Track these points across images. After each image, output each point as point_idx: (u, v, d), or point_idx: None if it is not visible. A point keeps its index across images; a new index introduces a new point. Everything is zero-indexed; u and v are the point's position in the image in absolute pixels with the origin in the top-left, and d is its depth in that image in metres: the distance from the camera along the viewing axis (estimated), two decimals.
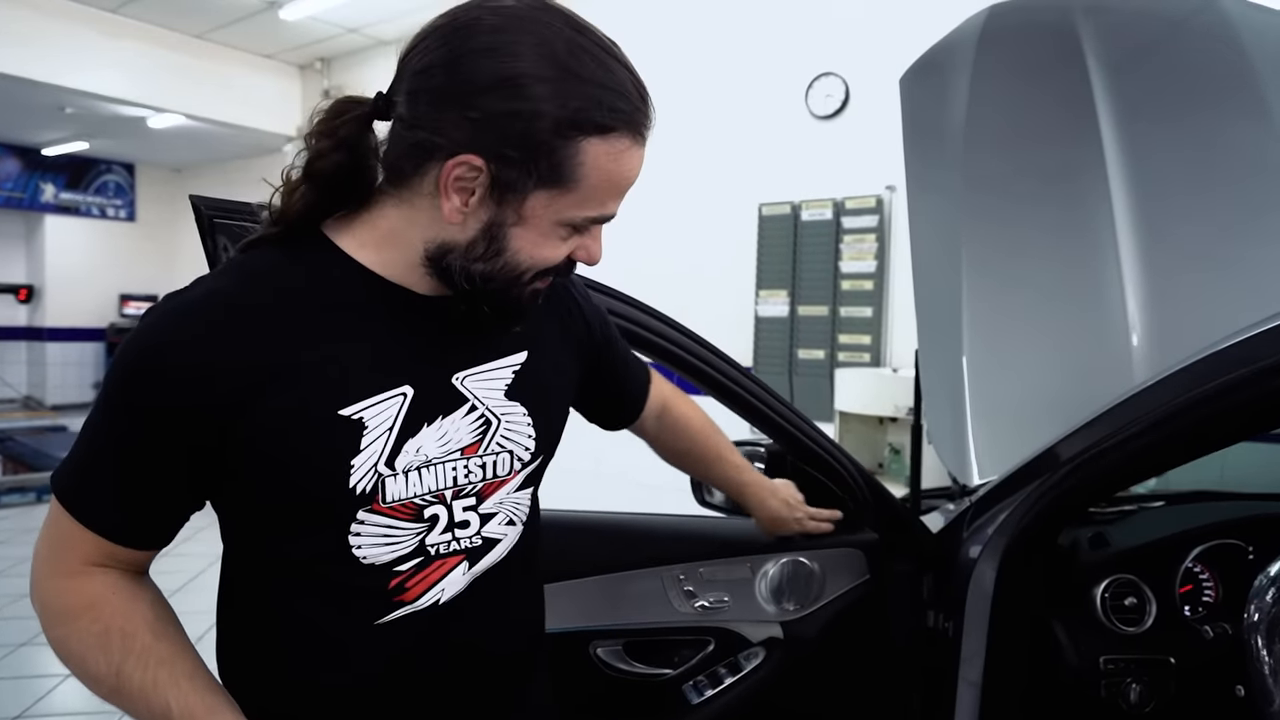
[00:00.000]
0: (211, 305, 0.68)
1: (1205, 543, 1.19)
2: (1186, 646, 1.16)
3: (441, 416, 0.73)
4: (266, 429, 0.66)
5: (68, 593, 0.68)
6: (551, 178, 0.67)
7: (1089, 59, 1.76)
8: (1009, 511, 1.26)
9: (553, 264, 0.72)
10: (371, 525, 0.71)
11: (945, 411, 1.60)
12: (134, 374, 0.66)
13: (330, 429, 0.68)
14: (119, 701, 0.68)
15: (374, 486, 0.70)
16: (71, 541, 0.68)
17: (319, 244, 0.73)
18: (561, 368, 0.85)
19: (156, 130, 7.63)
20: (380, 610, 0.72)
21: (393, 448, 0.70)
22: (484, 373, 0.77)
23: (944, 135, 1.83)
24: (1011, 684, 1.24)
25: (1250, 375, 0.96)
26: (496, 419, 0.77)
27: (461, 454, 0.75)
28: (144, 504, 0.68)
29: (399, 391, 0.71)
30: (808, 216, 4.19)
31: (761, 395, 1.16)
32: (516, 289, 0.72)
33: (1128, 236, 1.60)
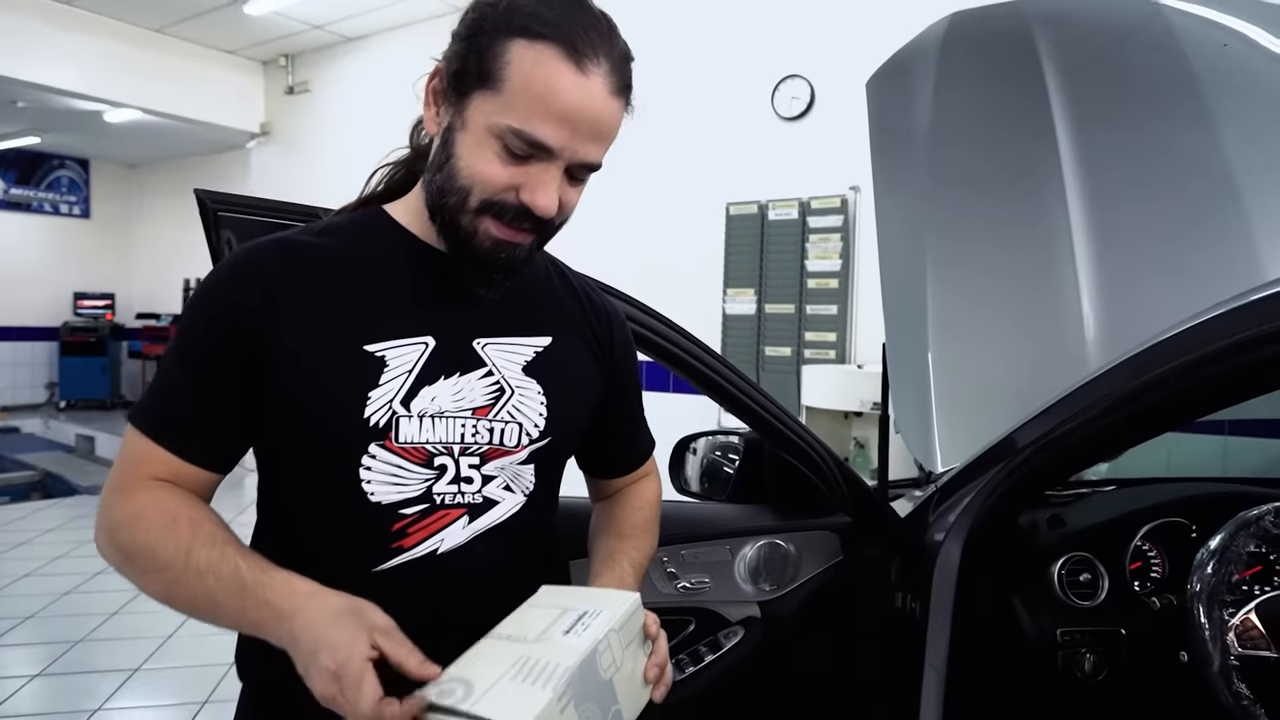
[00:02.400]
0: (274, 241, 0.79)
1: (1152, 521, 1.27)
2: (1136, 618, 1.24)
3: (459, 374, 0.78)
4: (298, 350, 0.73)
5: (136, 497, 0.73)
6: (484, 77, 0.72)
7: (1045, 66, 1.84)
8: (972, 496, 1.33)
9: (492, 185, 0.73)
10: (382, 463, 0.75)
11: (911, 402, 1.67)
12: (203, 293, 0.77)
13: (353, 360, 0.74)
14: (181, 589, 0.70)
15: (388, 422, 0.74)
16: (139, 460, 0.75)
17: (375, 214, 0.84)
18: (585, 366, 0.88)
19: (113, 125, 7.47)
20: (380, 556, 0.75)
21: (409, 390, 0.75)
22: (505, 344, 0.82)
23: (909, 137, 1.90)
24: (975, 658, 1.31)
25: (1185, 365, 1.03)
26: (511, 389, 0.81)
27: (473, 414, 0.78)
28: (201, 418, 0.75)
29: (420, 340, 0.77)
30: (774, 216, 4.27)
31: (745, 389, 1.22)
32: (466, 219, 0.74)
33: (1082, 236, 1.68)
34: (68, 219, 9.71)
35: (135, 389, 9.79)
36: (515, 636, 0.69)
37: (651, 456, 1.03)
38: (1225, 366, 0.99)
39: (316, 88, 6.56)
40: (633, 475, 1.00)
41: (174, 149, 8.72)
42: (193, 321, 0.77)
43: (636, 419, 1.00)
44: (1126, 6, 2.02)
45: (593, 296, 0.93)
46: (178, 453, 0.75)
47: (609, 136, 0.75)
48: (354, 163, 2.91)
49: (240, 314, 0.74)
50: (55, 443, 8.19)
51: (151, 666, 2.95)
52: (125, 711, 2.65)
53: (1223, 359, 0.99)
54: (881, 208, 1.89)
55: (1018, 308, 1.70)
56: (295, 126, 6.73)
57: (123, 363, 9.80)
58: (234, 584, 0.68)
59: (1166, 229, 1.68)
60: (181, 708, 2.65)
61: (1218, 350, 1.00)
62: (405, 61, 5.99)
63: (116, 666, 2.93)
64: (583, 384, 0.88)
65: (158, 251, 9.85)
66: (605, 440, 0.96)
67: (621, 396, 0.95)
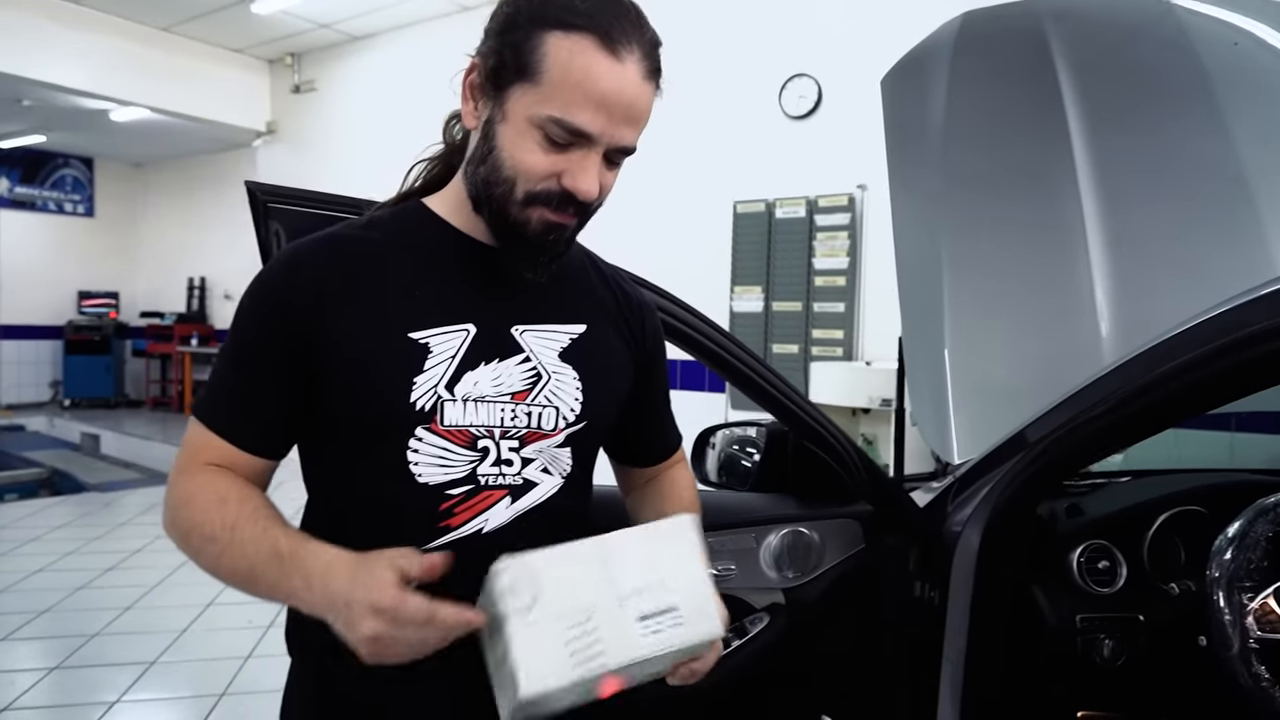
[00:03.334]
0: (321, 239, 0.82)
1: (1169, 510, 1.30)
2: (1153, 604, 1.26)
3: (498, 359, 0.81)
4: (345, 340, 0.77)
5: (192, 481, 0.77)
6: (522, 70, 0.74)
7: (1058, 64, 1.86)
8: (991, 485, 1.36)
9: (535, 175, 0.75)
10: (429, 445, 0.78)
11: (928, 396, 1.69)
12: (254, 291, 0.80)
13: (398, 347, 0.77)
14: (226, 561, 0.74)
15: (433, 406, 0.77)
16: (198, 448, 0.79)
17: (415, 208, 0.87)
18: (618, 353, 0.90)
19: (119, 124, 7.50)
20: (428, 535, 0.78)
21: (453, 375, 0.79)
22: (542, 331, 0.85)
23: (923, 135, 1.92)
24: (992, 644, 1.33)
25: (1200, 357, 1.06)
26: (548, 374, 0.83)
27: (512, 398, 0.81)
28: (253, 410, 0.79)
29: (462, 328, 0.80)
30: (782, 214, 4.29)
31: (770, 379, 1.24)
32: (514, 209, 0.77)
33: (1096, 234, 1.71)
34: (72, 218, 9.73)
35: (139, 388, 9.82)
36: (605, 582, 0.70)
37: (681, 448, 1.05)
38: (1239, 358, 1.02)
39: (323, 87, 6.58)
40: (664, 464, 1.03)
41: (179, 148, 8.74)
42: (245, 318, 0.80)
43: (666, 409, 1.02)
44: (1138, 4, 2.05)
45: (625, 287, 0.96)
46: (232, 441, 0.79)
47: (643, 120, 0.78)
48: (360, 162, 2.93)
49: (289, 310, 0.78)
50: (61, 440, 8.22)
51: (168, 660, 2.97)
52: (143, 704, 2.68)
53: (1236, 350, 1.02)
54: (897, 204, 1.91)
55: (1032, 304, 1.72)
56: (301, 125, 6.76)
57: (126, 361, 9.83)
58: (272, 556, 0.72)
59: (1179, 227, 1.71)
60: (199, 700, 2.67)
61: (1231, 342, 1.02)
62: (412, 61, 6.02)
63: (132, 660, 2.95)
64: (616, 370, 0.90)
65: (162, 250, 9.87)
66: (637, 429, 0.98)
67: (652, 386, 0.97)
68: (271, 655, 3.00)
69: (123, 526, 4.78)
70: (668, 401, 1.02)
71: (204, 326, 9.22)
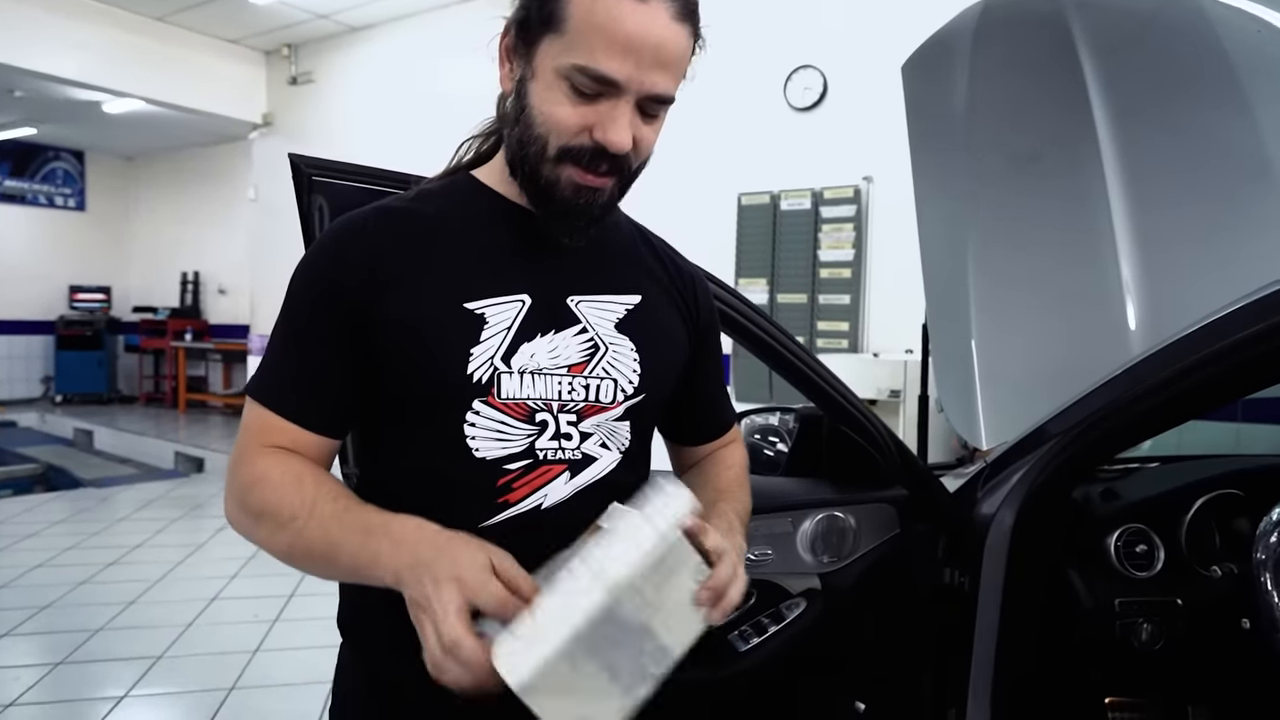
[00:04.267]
0: (373, 210, 0.80)
1: (1208, 493, 1.29)
2: (1192, 587, 1.26)
3: (554, 331, 0.79)
4: (396, 315, 0.75)
5: (260, 462, 0.75)
6: (547, 22, 0.73)
7: (1080, 50, 1.85)
8: (1025, 470, 1.35)
9: (567, 129, 0.73)
10: (486, 419, 0.76)
11: (955, 382, 1.69)
12: (309, 263, 0.79)
13: (454, 318, 0.76)
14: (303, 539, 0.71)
15: (490, 378, 0.76)
16: (259, 430, 0.77)
17: (465, 179, 0.85)
18: (673, 324, 0.89)
19: (112, 116, 7.43)
20: (486, 511, 0.76)
21: (509, 347, 0.77)
22: (598, 301, 0.83)
23: (947, 122, 1.91)
24: (1026, 627, 1.33)
25: (1233, 344, 1.05)
26: (605, 346, 0.82)
27: (569, 371, 0.79)
28: (313, 387, 0.77)
29: (518, 298, 0.78)
30: (787, 206, 4.28)
31: (810, 363, 1.23)
32: (547, 168, 0.75)
33: (1122, 219, 1.70)
34: (63, 211, 9.64)
35: (132, 383, 9.74)
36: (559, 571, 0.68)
37: (735, 426, 1.03)
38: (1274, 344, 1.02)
39: (320, 78, 6.53)
40: (719, 442, 1.01)
41: (172, 140, 8.67)
42: (299, 295, 0.79)
43: (720, 385, 1.00)
44: None
45: (677, 260, 0.94)
46: (299, 422, 0.76)
47: (676, 65, 0.75)
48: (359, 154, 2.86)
49: (343, 282, 0.76)
50: (53, 436, 8.15)
51: (175, 654, 2.94)
52: (151, 699, 2.65)
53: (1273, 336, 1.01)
54: (921, 192, 1.90)
55: (1058, 288, 1.72)
56: (299, 118, 6.70)
57: (119, 357, 9.74)
58: (358, 529, 0.70)
59: (1205, 213, 1.70)
60: (207, 695, 2.64)
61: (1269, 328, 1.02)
62: (411, 52, 5.97)
63: (138, 654, 2.92)
64: (672, 342, 0.88)
65: (155, 245, 9.78)
66: (690, 404, 0.95)
67: (706, 360, 0.95)
68: (280, 649, 2.97)
69: (121, 522, 4.74)
70: (721, 378, 1.00)
71: (198, 321, 9.15)
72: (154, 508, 5.08)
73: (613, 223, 0.89)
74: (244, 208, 7.60)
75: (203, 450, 6.66)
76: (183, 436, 7.39)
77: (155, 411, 8.99)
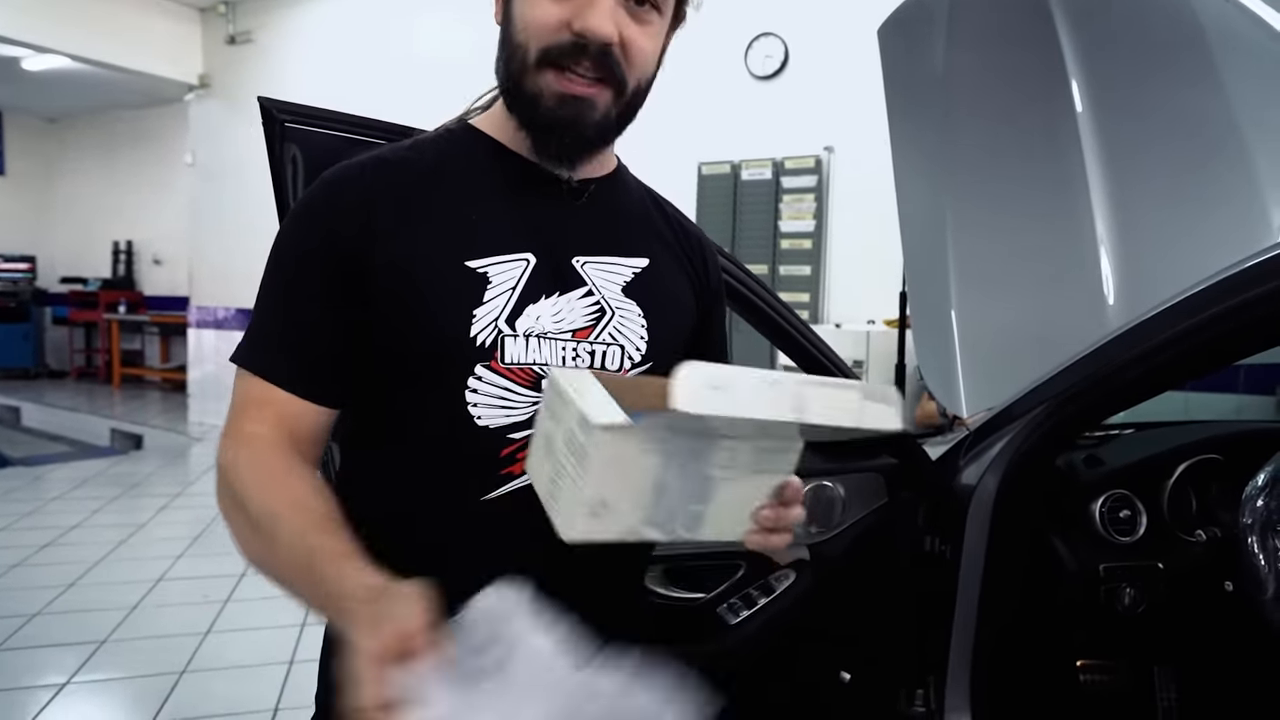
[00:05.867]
0: (370, 159, 0.75)
1: (1190, 459, 1.31)
2: (1173, 551, 1.27)
3: (559, 293, 0.75)
4: (397, 267, 0.70)
5: (237, 446, 0.69)
6: None
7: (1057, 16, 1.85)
8: (1009, 437, 1.35)
9: (545, 27, 0.69)
10: (488, 384, 0.71)
11: (935, 350, 1.68)
12: (299, 215, 0.73)
13: (455, 276, 0.71)
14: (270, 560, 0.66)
15: (494, 342, 0.71)
16: (249, 401, 0.71)
17: (462, 128, 0.80)
18: (681, 290, 0.85)
19: (32, 73, 7.00)
20: (487, 484, 0.72)
21: (513, 309, 0.72)
22: (604, 263, 0.78)
23: (924, 87, 1.89)
24: (1008, 595, 1.33)
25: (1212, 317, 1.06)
26: (611, 310, 0.77)
27: (573, 336, 0.75)
28: (309, 350, 0.71)
29: (521, 257, 0.73)
30: (747, 176, 4.25)
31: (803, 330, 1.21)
32: (529, 80, 0.71)
33: (1098, 186, 1.70)
34: None
35: (61, 357, 9.31)
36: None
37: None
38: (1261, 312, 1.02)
39: (261, 39, 6.23)
40: None
41: (100, 100, 8.22)
42: (288, 251, 0.73)
43: (724, 354, 0.96)
44: None
45: (685, 225, 0.90)
46: (287, 386, 0.70)
47: None
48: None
49: (338, 232, 0.70)
50: None
51: (120, 638, 2.82)
52: (97, 685, 2.53)
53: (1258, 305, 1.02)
54: (898, 157, 1.88)
55: (1037, 256, 1.72)
56: (238, 80, 6.39)
57: (47, 330, 9.30)
58: (305, 570, 0.62)
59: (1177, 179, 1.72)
60: (157, 679, 2.53)
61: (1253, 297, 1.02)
62: (363, 12, 5.74)
63: (80, 639, 2.78)
64: (679, 308, 0.84)
65: (82, 212, 9.31)
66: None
67: (712, 327, 0.91)
68: (232, 630, 2.87)
69: (55, 501, 4.52)
70: (725, 348, 0.96)
71: (132, 293, 8.77)
72: (90, 486, 4.86)
73: (621, 183, 0.84)
74: (180, 173, 7.26)
75: (140, 426, 6.40)
76: (119, 413, 7.09)
77: (88, 387, 8.61)
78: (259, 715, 2.36)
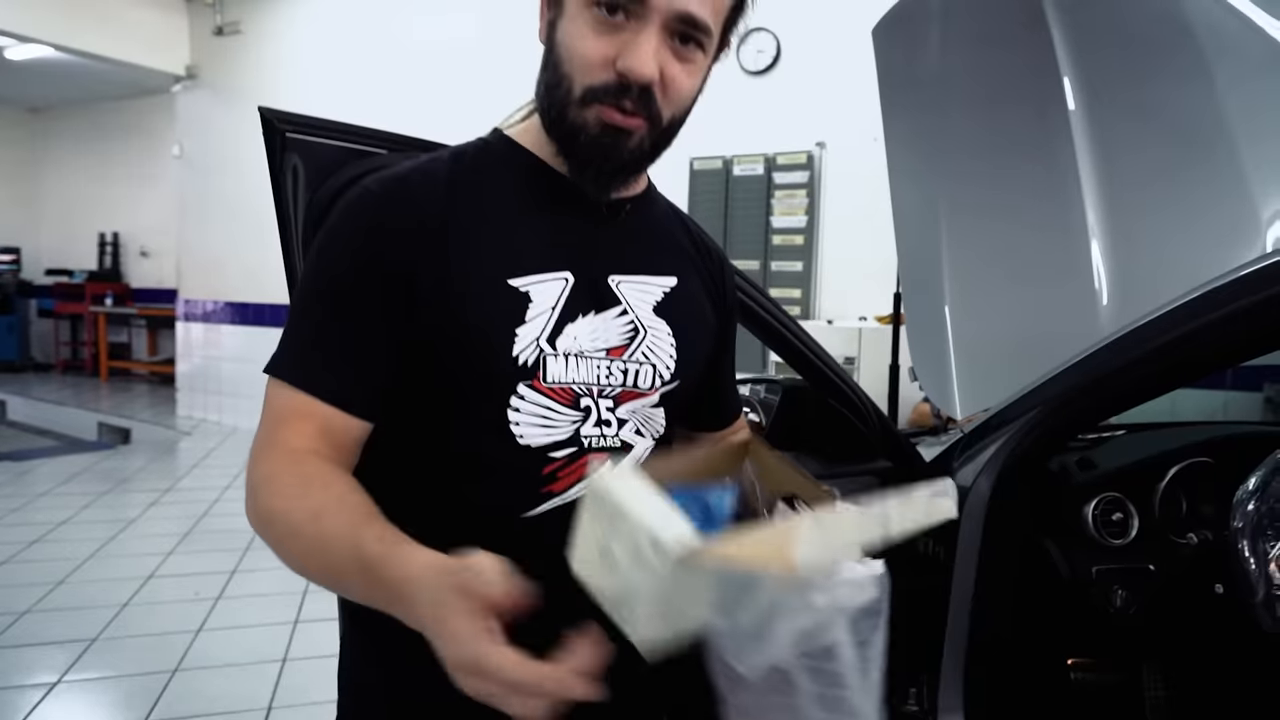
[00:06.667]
0: (409, 172, 0.74)
1: (1181, 461, 1.32)
2: (1164, 554, 1.29)
3: (595, 311, 0.76)
4: (438, 289, 0.70)
5: (271, 457, 0.67)
6: None
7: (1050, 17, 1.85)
8: (1003, 440, 1.36)
9: (590, 63, 0.69)
10: (530, 403, 0.72)
11: (930, 352, 1.69)
12: (344, 230, 0.72)
13: (498, 295, 0.71)
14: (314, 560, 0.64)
15: (536, 361, 0.71)
16: (285, 414, 0.69)
17: (499, 140, 0.80)
18: (704, 309, 0.85)
19: (14, 63, 6.91)
20: (529, 501, 0.72)
21: (554, 327, 0.73)
22: (637, 282, 0.79)
23: (918, 86, 1.89)
24: (1001, 597, 1.35)
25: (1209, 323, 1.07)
26: (644, 329, 0.78)
27: (608, 354, 0.76)
28: (354, 361, 0.70)
29: (560, 276, 0.74)
30: (739, 171, 4.25)
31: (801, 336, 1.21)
32: (573, 111, 0.71)
33: (1090, 185, 1.72)
34: None
35: (47, 349, 9.22)
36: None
37: (743, 412, 1.01)
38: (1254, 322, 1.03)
39: (249, 30, 6.17)
40: (732, 428, 0.97)
41: (85, 91, 8.13)
42: (336, 261, 0.71)
43: (734, 370, 0.97)
44: None
45: (708, 243, 0.91)
46: (333, 400, 0.69)
47: None
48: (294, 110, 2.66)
49: (389, 253, 0.70)
50: None
51: (111, 636, 2.81)
52: (88, 684, 2.52)
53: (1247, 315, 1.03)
54: (893, 157, 1.88)
55: (1030, 259, 1.73)
56: (226, 71, 6.33)
57: (32, 322, 9.21)
58: (356, 562, 0.60)
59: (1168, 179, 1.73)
60: (149, 677, 2.53)
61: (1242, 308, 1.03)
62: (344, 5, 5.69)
63: (71, 637, 2.77)
64: (704, 327, 0.86)
65: (68, 203, 9.22)
66: (711, 389, 0.92)
67: (727, 346, 0.93)
68: (224, 628, 2.86)
69: (43, 497, 4.49)
70: (734, 363, 0.97)
71: (119, 285, 8.70)
72: (79, 481, 4.83)
73: (652, 202, 0.85)
74: (168, 165, 7.19)
75: (129, 420, 6.36)
76: (106, 406, 7.04)
77: (74, 380, 8.54)
78: (252, 714, 2.36)
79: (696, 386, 0.86)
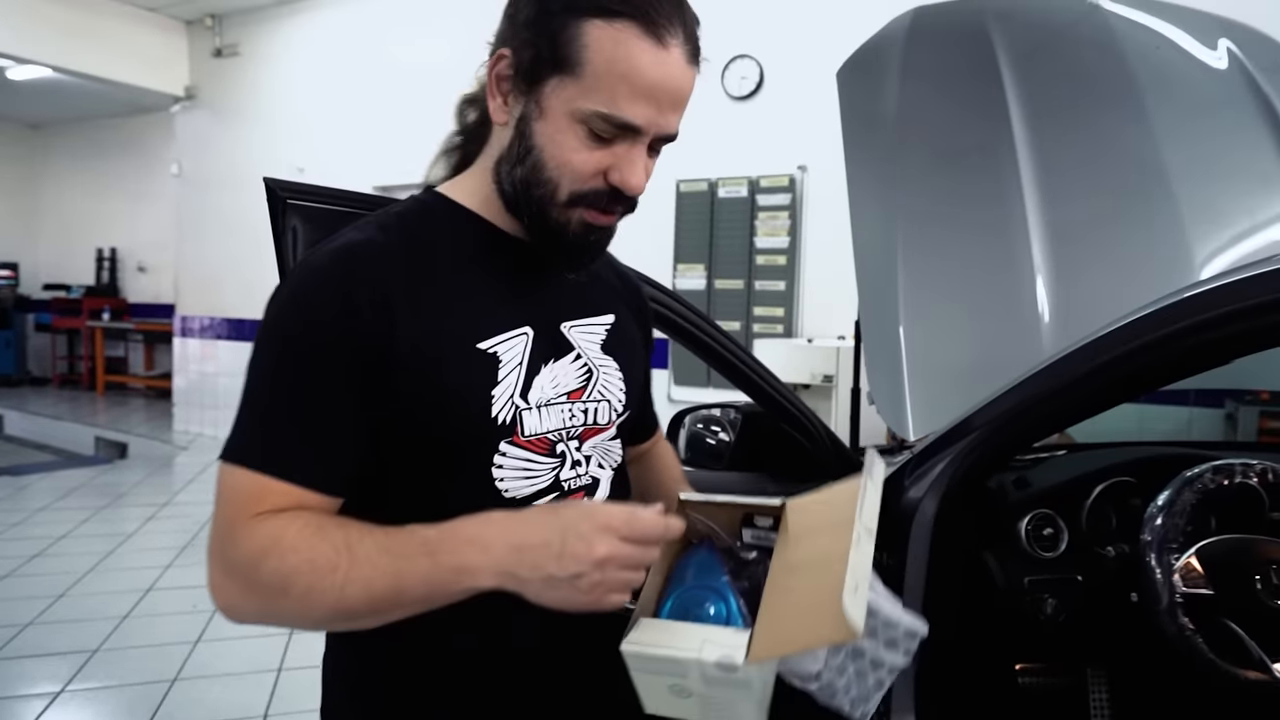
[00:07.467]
0: (347, 249, 0.72)
1: (1105, 481, 1.44)
2: (1090, 566, 1.40)
3: (554, 360, 0.79)
4: (411, 361, 0.70)
5: (259, 529, 0.65)
6: (559, 62, 0.69)
7: (1000, 59, 1.98)
8: (946, 461, 1.47)
9: (581, 174, 0.71)
10: (512, 458, 0.74)
11: (885, 376, 1.80)
12: (304, 304, 0.70)
13: (469, 361, 0.72)
14: (353, 585, 0.64)
15: (513, 418, 0.74)
16: (252, 498, 0.67)
17: (436, 200, 0.81)
18: (635, 338, 0.91)
19: (16, 83, 7.02)
20: None
21: (524, 382, 0.75)
22: (585, 325, 0.84)
23: (878, 125, 2.01)
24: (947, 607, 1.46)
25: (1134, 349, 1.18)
26: (596, 369, 0.82)
27: (569, 398, 0.79)
28: (325, 443, 0.69)
29: (521, 331, 0.76)
30: (724, 194, 4.37)
31: (748, 362, 1.32)
32: (556, 211, 0.73)
33: (1036, 221, 1.84)
34: None
35: (43, 364, 9.29)
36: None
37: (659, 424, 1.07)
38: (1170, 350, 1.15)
39: (247, 51, 6.30)
40: (654, 439, 1.04)
41: (85, 110, 8.24)
42: (294, 337, 0.69)
43: (650, 384, 1.03)
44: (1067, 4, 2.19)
45: (625, 272, 0.97)
46: (306, 484, 0.68)
47: (686, 104, 0.75)
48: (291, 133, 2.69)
49: (356, 324, 0.68)
50: None
51: (111, 647, 2.90)
52: (90, 693, 2.61)
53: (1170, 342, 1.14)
54: (854, 192, 2.00)
55: (979, 288, 1.84)
56: (225, 91, 6.46)
57: (29, 337, 9.28)
58: (418, 548, 0.64)
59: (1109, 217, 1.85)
60: (149, 687, 2.62)
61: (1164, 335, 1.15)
62: (348, 30, 5.82)
63: (73, 648, 2.87)
64: (638, 355, 0.91)
65: (66, 219, 9.31)
66: (638, 408, 0.96)
67: (648, 364, 0.99)
68: (222, 639, 2.96)
69: (42, 511, 4.57)
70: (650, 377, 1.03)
71: (116, 300, 8.78)
72: (77, 496, 4.92)
73: None
74: (165, 182, 7.30)
75: (126, 435, 6.44)
76: (103, 420, 7.12)
77: (71, 394, 8.61)
78: None
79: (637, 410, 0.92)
